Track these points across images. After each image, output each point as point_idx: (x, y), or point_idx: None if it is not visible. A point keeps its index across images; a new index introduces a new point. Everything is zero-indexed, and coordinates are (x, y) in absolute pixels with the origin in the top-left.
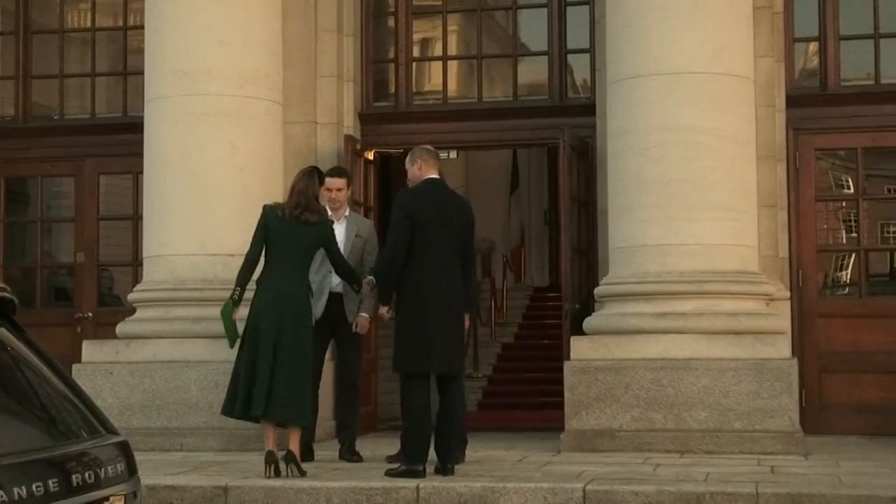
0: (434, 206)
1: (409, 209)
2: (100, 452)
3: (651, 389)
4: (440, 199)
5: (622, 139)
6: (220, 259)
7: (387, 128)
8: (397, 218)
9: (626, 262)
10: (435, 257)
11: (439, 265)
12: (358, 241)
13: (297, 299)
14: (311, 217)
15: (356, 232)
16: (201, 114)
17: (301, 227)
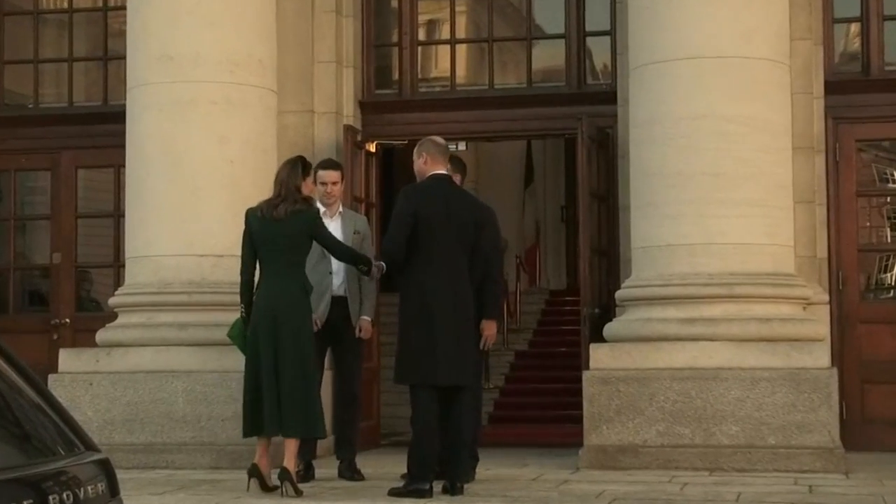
0: (441, 203)
1: (413, 205)
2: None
3: (677, 401)
4: (447, 195)
5: (645, 129)
6: (209, 260)
7: (389, 117)
8: (399, 212)
9: (650, 263)
10: (441, 258)
11: (445, 266)
12: (356, 237)
13: (290, 302)
14: (290, 208)
15: (354, 228)
16: (188, 102)
17: (280, 223)
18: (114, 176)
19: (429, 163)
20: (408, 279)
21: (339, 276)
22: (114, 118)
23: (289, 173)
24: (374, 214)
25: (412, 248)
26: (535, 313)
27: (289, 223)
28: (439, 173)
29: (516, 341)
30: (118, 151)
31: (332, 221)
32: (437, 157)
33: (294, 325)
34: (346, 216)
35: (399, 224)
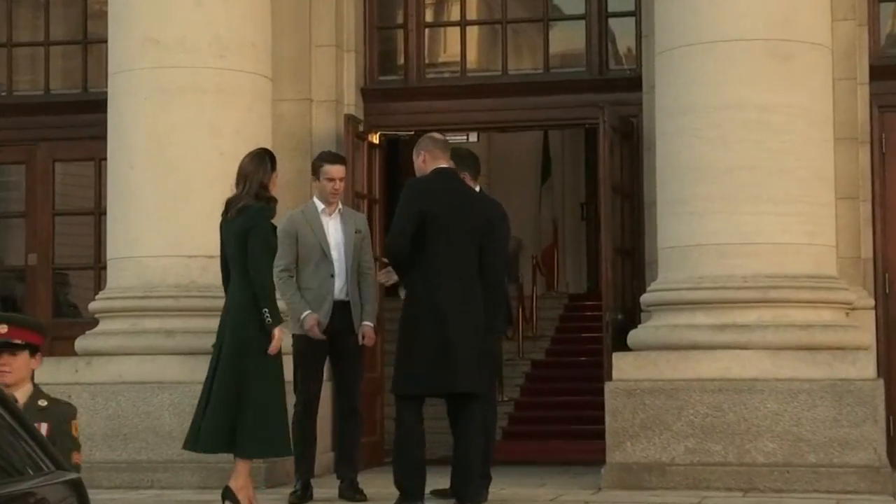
0: (449, 197)
1: (420, 198)
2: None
3: (708, 416)
4: (455, 189)
5: (674, 119)
6: (198, 261)
7: (394, 106)
8: (405, 206)
9: (679, 265)
10: (449, 257)
11: (454, 266)
12: (358, 237)
13: (233, 313)
14: (239, 205)
15: (355, 227)
16: (175, 90)
17: (230, 224)
18: (94, 170)
19: (428, 160)
20: (413, 279)
21: (342, 279)
22: (94, 107)
23: (255, 167)
24: (376, 211)
25: (418, 246)
26: (553, 319)
27: (233, 223)
28: (442, 167)
29: (532, 350)
30: (99, 143)
31: (332, 220)
32: (436, 153)
33: (233, 338)
34: (347, 214)
35: (405, 219)
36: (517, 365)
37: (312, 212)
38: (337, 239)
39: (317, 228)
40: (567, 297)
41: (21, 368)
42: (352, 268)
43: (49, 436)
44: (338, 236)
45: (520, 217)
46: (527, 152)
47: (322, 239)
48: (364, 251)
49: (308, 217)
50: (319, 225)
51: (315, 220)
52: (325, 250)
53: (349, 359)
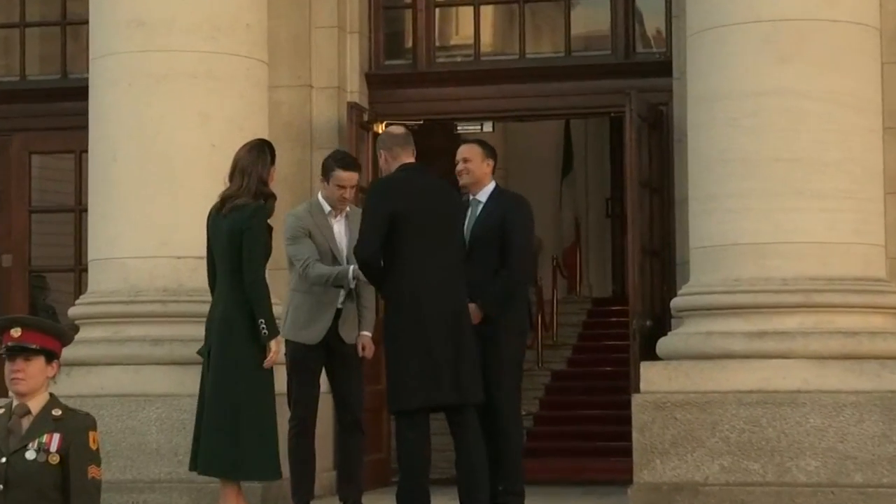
0: (419, 194)
1: (387, 200)
2: None
3: (745, 431)
4: (424, 186)
5: (707, 106)
6: (188, 263)
7: (402, 93)
8: (370, 210)
9: (713, 266)
10: (428, 257)
11: (436, 269)
12: None
13: (221, 319)
14: (236, 202)
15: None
16: (162, 75)
17: (224, 220)
18: (74, 163)
19: (389, 160)
20: (392, 289)
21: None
22: (74, 94)
23: (254, 160)
24: None
25: (393, 252)
26: (576, 326)
27: (228, 220)
28: (408, 163)
29: (553, 359)
30: (79, 134)
31: (337, 222)
32: (395, 151)
33: (222, 350)
34: (353, 215)
35: (372, 225)
36: (536, 375)
37: (319, 212)
38: (343, 242)
39: (325, 230)
40: (590, 301)
41: (36, 376)
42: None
43: (61, 447)
44: (343, 240)
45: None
46: (546, 144)
47: (333, 244)
48: None
49: (317, 220)
50: (328, 227)
51: (323, 222)
52: (335, 254)
53: (348, 367)
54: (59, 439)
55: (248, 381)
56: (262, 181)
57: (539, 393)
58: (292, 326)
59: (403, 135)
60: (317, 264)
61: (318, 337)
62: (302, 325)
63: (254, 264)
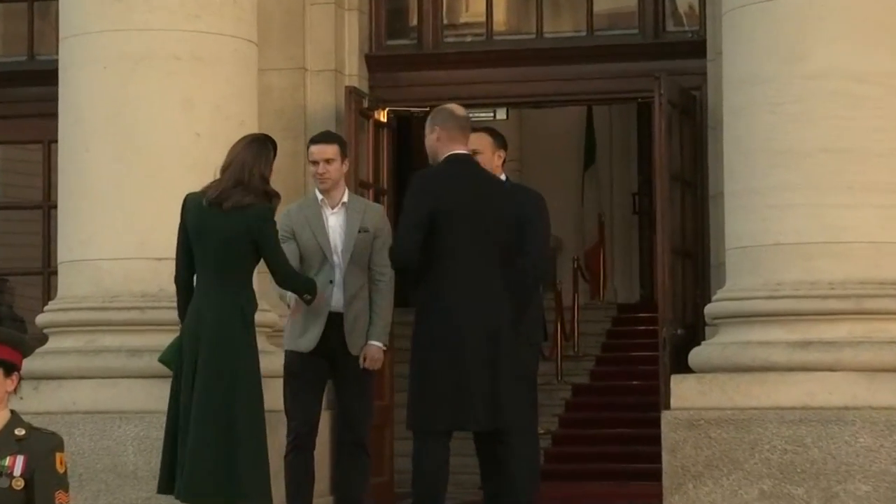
0: (466, 192)
1: (429, 197)
2: None
3: (788, 451)
4: (474, 183)
5: (745, 91)
6: (169, 265)
7: (406, 76)
8: (411, 207)
9: (752, 268)
10: (468, 265)
11: (475, 276)
12: (364, 237)
13: (215, 326)
14: (240, 200)
15: (360, 223)
16: (141, 57)
17: (221, 217)
18: (43, 154)
19: (443, 140)
20: (424, 295)
21: (340, 288)
22: (43, 78)
23: (256, 156)
24: (384, 202)
25: (429, 255)
26: (599, 335)
27: (228, 219)
28: (459, 153)
29: (574, 372)
30: (49, 122)
31: (334, 214)
32: (454, 133)
33: (216, 363)
34: (353, 207)
35: (410, 223)
36: (555, 390)
37: (312, 206)
38: (338, 237)
39: (316, 226)
40: (615, 307)
41: None
42: (355, 274)
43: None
44: (337, 234)
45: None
46: (566, 132)
47: (322, 239)
48: (377, 252)
49: (307, 213)
50: (320, 222)
51: (315, 217)
52: (325, 251)
53: (352, 384)
54: (24, 462)
55: (247, 394)
56: (264, 179)
57: (558, 409)
58: (289, 335)
59: (465, 118)
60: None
61: (311, 344)
62: (297, 333)
63: (281, 260)
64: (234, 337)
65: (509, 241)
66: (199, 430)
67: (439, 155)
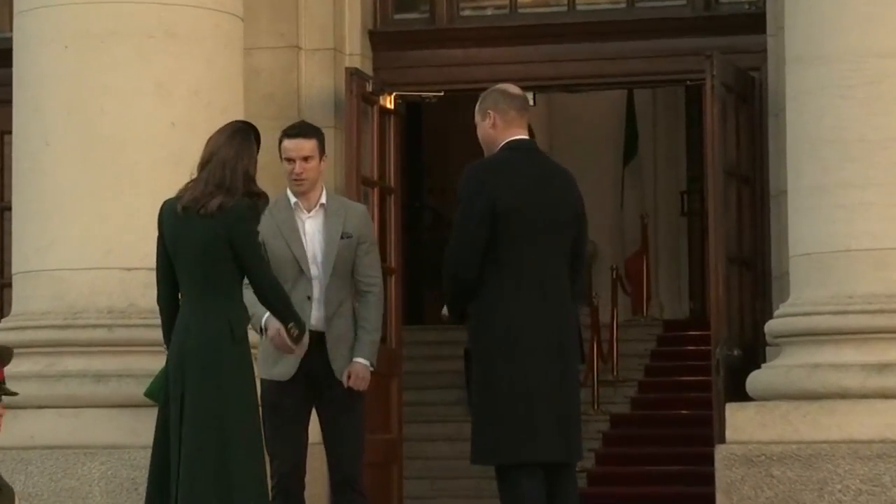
0: (531, 185)
1: (488, 193)
2: None
3: (863, 492)
4: (536, 173)
5: (813, 72)
6: (141, 276)
7: (417, 56)
8: (468, 209)
9: (820, 279)
10: (535, 271)
11: (543, 284)
12: (347, 243)
13: (200, 348)
14: (216, 202)
15: (342, 227)
16: (108, 34)
17: (199, 223)
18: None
19: (499, 126)
20: (482, 308)
21: (321, 304)
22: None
23: (238, 151)
24: (390, 203)
25: (488, 261)
26: (641, 356)
27: (207, 224)
28: (519, 139)
29: (612, 399)
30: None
31: (312, 219)
32: (510, 117)
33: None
34: (333, 209)
35: (468, 229)
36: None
37: (284, 210)
38: (317, 245)
39: (289, 233)
40: (661, 324)
41: None
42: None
43: None
44: (318, 241)
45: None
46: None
47: (297, 248)
48: (360, 259)
49: (278, 218)
50: (293, 228)
51: (287, 222)
52: (300, 262)
53: (339, 410)
54: None
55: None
56: (248, 177)
57: (594, 444)
58: (263, 361)
59: (522, 97)
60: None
61: (289, 371)
62: (272, 359)
63: (264, 270)
64: (221, 360)
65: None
66: (188, 469)
67: (496, 144)
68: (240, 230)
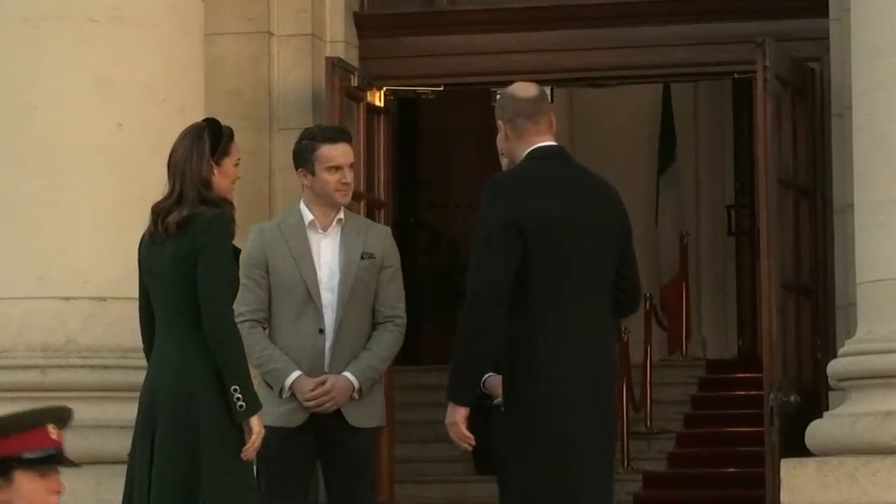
0: (563, 196)
1: (513, 212)
2: None
3: None
4: (568, 184)
5: (883, 63)
6: (80, 307)
7: (410, 43)
8: (489, 229)
9: (894, 310)
10: (570, 302)
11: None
12: (368, 265)
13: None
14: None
15: (362, 247)
16: (42, 18)
17: (164, 246)
18: None
19: (512, 137)
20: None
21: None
22: None
23: (187, 153)
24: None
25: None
26: (680, 403)
27: (172, 243)
28: (542, 146)
29: (645, 455)
30: None
31: (327, 238)
32: (518, 124)
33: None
34: (353, 226)
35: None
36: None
37: (296, 226)
38: (335, 268)
39: (300, 253)
40: (703, 365)
41: None
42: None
43: None
44: (334, 264)
45: None
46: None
47: (307, 270)
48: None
49: (288, 236)
50: (306, 247)
51: (299, 241)
52: (311, 290)
53: (351, 477)
54: None
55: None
56: (202, 181)
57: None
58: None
59: (535, 98)
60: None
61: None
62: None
63: (215, 301)
64: (196, 404)
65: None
66: None
67: (516, 157)
68: (202, 245)
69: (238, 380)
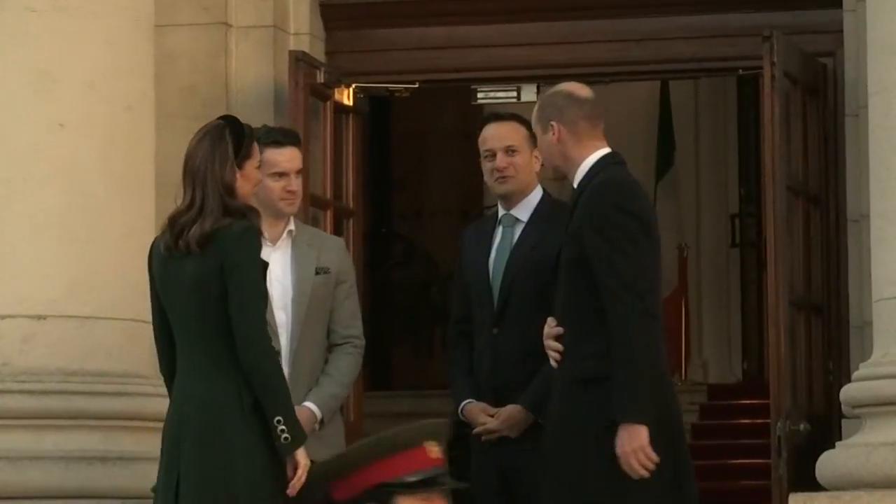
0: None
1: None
2: None
3: None
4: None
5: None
6: (17, 326)
7: (383, 36)
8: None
9: None
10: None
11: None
12: (323, 280)
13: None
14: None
15: (316, 261)
16: None
17: (185, 262)
18: None
19: (567, 140)
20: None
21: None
22: None
23: (208, 156)
24: (349, 230)
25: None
26: None
27: (194, 258)
28: (614, 152)
29: None
30: None
31: (277, 251)
32: (580, 129)
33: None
34: (304, 239)
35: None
36: None
37: None
38: (285, 286)
39: None
40: (705, 390)
41: None
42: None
43: None
44: (285, 278)
45: None
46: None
47: None
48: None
49: None
50: None
51: None
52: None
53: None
54: None
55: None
56: (226, 188)
57: None
58: None
59: (595, 100)
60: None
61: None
62: None
63: (252, 325)
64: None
65: None
66: None
67: (569, 163)
68: (234, 263)
69: (281, 410)
